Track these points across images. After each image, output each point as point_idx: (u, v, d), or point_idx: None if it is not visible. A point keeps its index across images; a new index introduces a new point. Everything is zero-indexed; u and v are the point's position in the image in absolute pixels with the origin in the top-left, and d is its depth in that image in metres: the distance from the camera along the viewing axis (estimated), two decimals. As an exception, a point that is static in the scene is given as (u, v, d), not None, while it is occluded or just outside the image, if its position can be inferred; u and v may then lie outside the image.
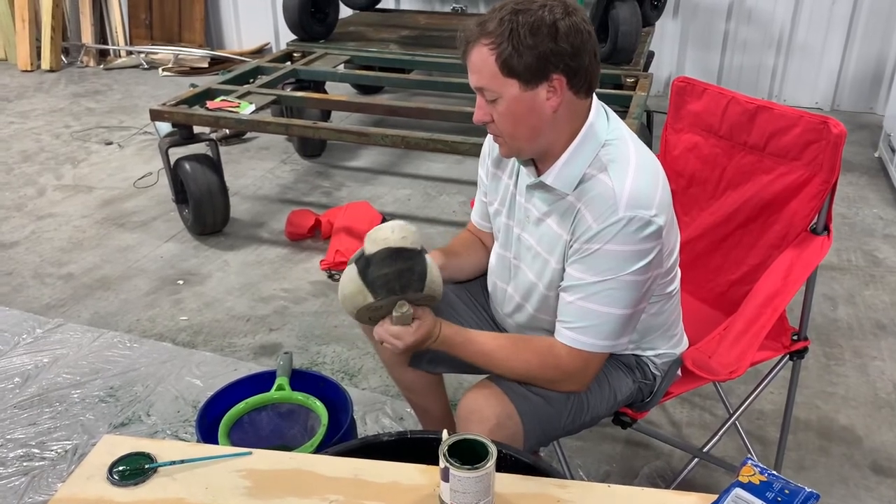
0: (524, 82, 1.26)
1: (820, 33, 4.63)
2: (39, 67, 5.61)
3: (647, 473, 1.97)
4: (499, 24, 1.25)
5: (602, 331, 1.32)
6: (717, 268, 1.85)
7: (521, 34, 1.24)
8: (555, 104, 1.29)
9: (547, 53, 1.24)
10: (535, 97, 1.28)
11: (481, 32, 1.27)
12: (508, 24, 1.24)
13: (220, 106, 3.06)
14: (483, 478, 1.06)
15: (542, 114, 1.30)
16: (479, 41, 1.27)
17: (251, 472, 1.20)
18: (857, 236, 3.21)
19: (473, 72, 1.30)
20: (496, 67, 1.26)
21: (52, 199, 3.57)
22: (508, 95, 1.28)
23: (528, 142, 1.34)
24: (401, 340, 1.35)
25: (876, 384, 2.31)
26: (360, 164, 3.98)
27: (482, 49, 1.26)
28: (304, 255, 3.07)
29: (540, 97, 1.28)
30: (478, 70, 1.29)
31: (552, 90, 1.28)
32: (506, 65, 1.25)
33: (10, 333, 2.56)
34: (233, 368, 2.38)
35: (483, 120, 1.35)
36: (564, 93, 1.29)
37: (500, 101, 1.29)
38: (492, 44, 1.25)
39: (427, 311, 1.37)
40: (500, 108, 1.30)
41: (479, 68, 1.28)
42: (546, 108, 1.29)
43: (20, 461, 2.02)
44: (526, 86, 1.27)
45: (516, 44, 1.24)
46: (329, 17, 4.13)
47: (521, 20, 1.24)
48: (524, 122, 1.30)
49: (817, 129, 1.60)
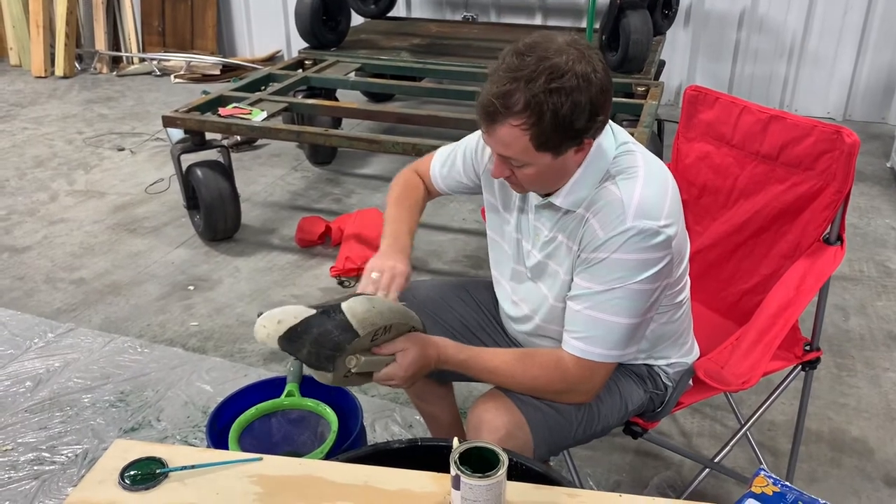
0: (557, 154, 1.25)
1: (832, 43, 4.61)
2: (53, 74, 5.65)
3: (658, 484, 1.96)
4: (532, 101, 1.17)
5: (609, 340, 1.32)
6: (729, 277, 1.84)
7: (558, 115, 1.18)
8: (580, 159, 1.30)
9: (582, 128, 1.22)
10: (566, 160, 1.27)
11: (510, 111, 1.19)
12: (545, 103, 1.17)
13: (232, 113, 3.07)
14: (494, 486, 1.06)
15: (568, 168, 1.30)
16: (506, 120, 1.20)
17: (261, 477, 1.20)
18: (869, 247, 3.20)
19: (499, 143, 1.25)
20: (529, 145, 1.22)
21: (64, 205, 3.60)
22: (539, 165, 1.26)
23: (548, 188, 1.34)
24: (394, 380, 1.32)
25: (888, 396, 2.30)
26: (370, 172, 3.99)
27: (512, 128, 1.21)
28: (315, 261, 3.08)
29: (569, 158, 1.27)
30: (505, 144, 1.24)
31: (581, 150, 1.27)
32: (540, 144, 1.22)
33: (22, 338, 2.57)
34: (243, 374, 2.38)
35: (504, 176, 1.32)
36: (590, 146, 1.29)
37: (528, 167, 1.27)
38: (524, 124, 1.20)
39: (411, 340, 1.32)
40: (528, 171, 1.28)
41: (506, 143, 1.23)
42: (572, 163, 1.29)
43: (31, 465, 2.02)
44: (558, 156, 1.25)
45: (554, 125, 1.19)
46: (340, 25, 4.15)
47: (557, 100, 1.17)
48: (550, 179, 1.31)
49: (830, 139, 1.59)
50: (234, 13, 5.82)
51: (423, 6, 5.38)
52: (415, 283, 1.72)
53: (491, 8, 5.24)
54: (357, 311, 1.25)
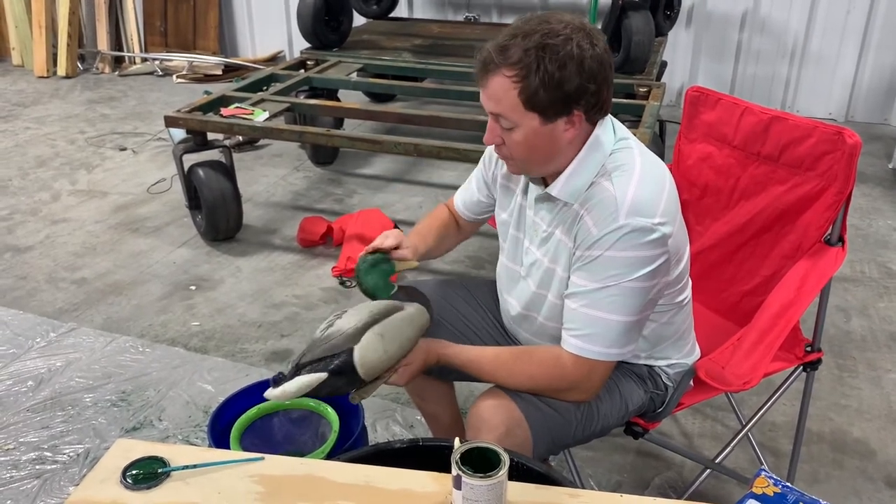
0: (545, 118, 1.26)
1: (834, 43, 4.61)
2: (55, 74, 5.66)
3: (659, 484, 1.96)
4: (524, 55, 1.21)
5: (607, 338, 1.32)
6: (730, 278, 1.84)
7: (548, 71, 1.20)
8: (571, 135, 1.30)
9: (572, 92, 1.23)
10: (554, 129, 1.28)
11: (504, 61, 1.23)
12: (535, 59, 1.20)
13: (234, 113, 3.08)
14: (495, 486, 1.06)
15: (558, 143, 1.30)
16: (500, 70, 1.23)
17: (263, 477, 1.20)
18: (870, 248, 3.19)
19: (491, 98, 1.27)
20: (518, 100, 1.24)
21: (66, 204, 3.60)
22: (527, 127, 1.27)
23: (538, 165, 1.35)
24: (398, 384, 1.43)
25: (890, 397, 2.30)
26: (372, 172, 3.99)
27: (504, 79, 1.23)
28: (316, 261, 3.08)
29: (558, 129, 1.28)
30: (496, 98, 1.26)
31: (570, 123, 1.28)
32: (529, 100, 1.23)
33: (24, 337, 2.58)
34: (244, 374, 2.38)
35: (494, 143, 1.34)
36: (582, 124, 1.29)
37: (517, 131, 1.28)
38: (515, 76, 1.22)
39: (413, 354, 1.39)
40: (516, 136, 1.29)
41: (498, 97, 1.26)
42: (562, 139, 1.29)
43: (33, 464, 2.03)
44: (546, 120, 1.26)
45: (543, 81, 1.21)
46: (342, 26, 4.16)
47: (549, 56, 1.20)
48: (539, 151, 1.31)
49: (832, 140, 1.59)
50: (236, 13, 5.83)
51: (424, 7, 5.39)
52: (417, 283, 1.73)
53: (493, 8, 5.24)
54: (369, 361, 1.31)
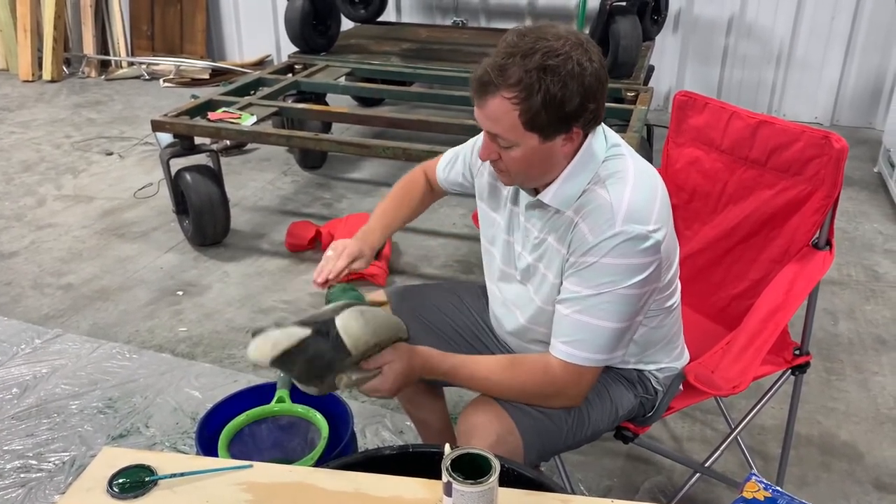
0: (544, 137, 1.25)
1: (819, 48, 4.65)
2: (41, 78, 5.62)
3: (649, 488, 1.96)
4: (525, 76, 1.19)
5: (596, 344, 1.31)
6: (718, 282, 1.85)
7: (550, 92, 1.19)
8: (569, 150, 1.30)
9: (572, 112, 1.23)
10: (552, 147, 1.27)
11: (503, 82, 1.20)
12: (537, 80, 1.18)
13: (222, 117, 3.06)
14: (486, 492, 1.05)
15: (555, 158, 1.30)
16: (499, 91, 1.21)
17: (252, 485, 1.19)
18: (857, 251, 3.22)
19: (489, 118, 1.25)
20: (518, 121, 1.23)
21: (52, 210, 3.57)
22: (526, 147, 1.26)
23: (534, 180, 1.34)
24: (380, 391, 1.32)
25: (877, 400, 2.31)
26: (360, 176, 3.98)
27: (503, 101, 1.21)
28: (305, 266, 3.07)
29: (556, 145, 1.27)
30: (495, 119, 1.24)
31: (569, 139, 1.27)
32: (529, 121, 1.22)
33: (9, 343, 2.55)
34: (232, 380, 2.37)
35: (490, 158, 1.32)
36: (579, 138, 1.29)
37: (515, 149, 1.27)
38: (515, 97, 1.20)
39: (396, 353, 1.32)
40: (514, 154, 1.28)
41: (497, 118, 1.24)
42: (559, 154, 1.29)
43: (17, 473, 2.00)
44: (546, 139, 1.25)
45: (544, 102, 1.20)
46: (331, 30, 4.15)
47: (551, 77, 1.18)
48: (536, 167, 1.30)
49: (819, 145, 1.60)
50: (223, 17, 5.81)
51: (413, 11, 5.39)
52: (406, 288, 1.73)
53: (480, 13, 5.25)
54: (351, 329, 1.26)
